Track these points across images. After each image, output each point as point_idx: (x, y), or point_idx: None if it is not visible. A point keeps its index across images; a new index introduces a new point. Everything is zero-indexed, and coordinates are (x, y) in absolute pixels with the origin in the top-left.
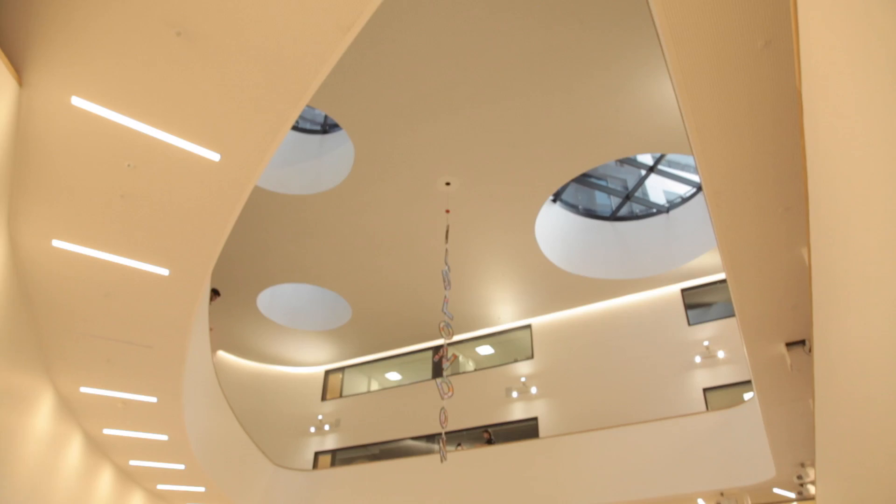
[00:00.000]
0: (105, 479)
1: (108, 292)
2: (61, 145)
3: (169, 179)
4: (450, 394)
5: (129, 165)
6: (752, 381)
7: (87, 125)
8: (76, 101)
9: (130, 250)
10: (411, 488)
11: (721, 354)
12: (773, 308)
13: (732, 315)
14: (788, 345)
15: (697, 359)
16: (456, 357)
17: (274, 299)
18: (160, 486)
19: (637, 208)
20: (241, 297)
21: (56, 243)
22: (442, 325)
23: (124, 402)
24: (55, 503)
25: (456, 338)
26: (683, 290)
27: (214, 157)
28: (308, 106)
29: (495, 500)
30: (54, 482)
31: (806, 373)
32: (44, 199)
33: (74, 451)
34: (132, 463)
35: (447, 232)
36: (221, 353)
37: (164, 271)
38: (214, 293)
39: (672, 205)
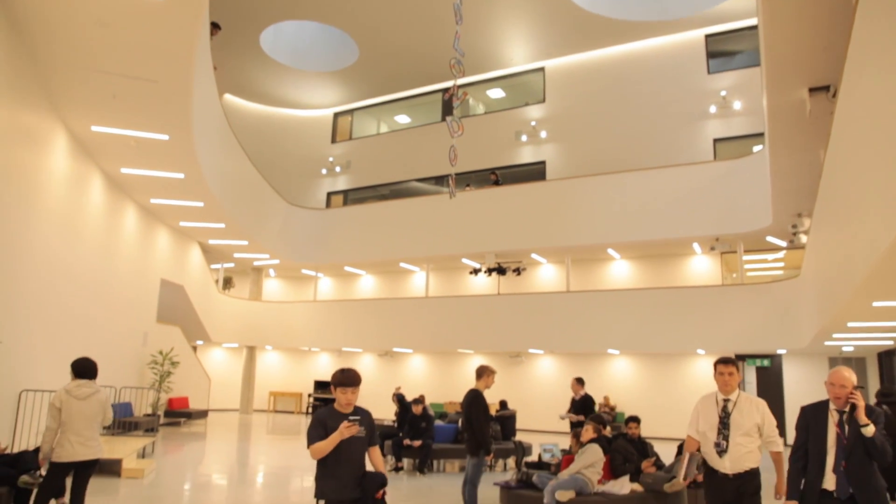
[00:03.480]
0: (130, 216)
1: (101, 20)
2: None
3: None
4: (460, 132)
5: None
6: (766, 129)
7: None
8: None
9: None
10: (421, 225)
11: (737, 105)
12: (804, 47)
13: (755, 65)
14: (812, 90)
15: (712, 108)
16: (467, 95)
17: (278, 37)
18: (182, 223)
19: None
20: (243, 35)
21: None
22: (453, 62)
23: (137, 140)
24: (85, 235)
25: (467, 79)
26: (707, 37)
27: None
28: None
29: (500, 237)
30: (81, 217)
31: (823, 121)
32: None
33: (96, 189)
34: (153, 201)
35: None
36: (229, 97)
37: None
38: (215, 27)
39: None
